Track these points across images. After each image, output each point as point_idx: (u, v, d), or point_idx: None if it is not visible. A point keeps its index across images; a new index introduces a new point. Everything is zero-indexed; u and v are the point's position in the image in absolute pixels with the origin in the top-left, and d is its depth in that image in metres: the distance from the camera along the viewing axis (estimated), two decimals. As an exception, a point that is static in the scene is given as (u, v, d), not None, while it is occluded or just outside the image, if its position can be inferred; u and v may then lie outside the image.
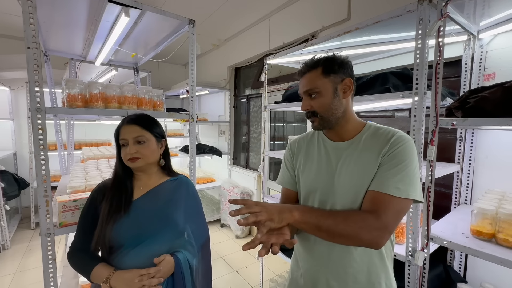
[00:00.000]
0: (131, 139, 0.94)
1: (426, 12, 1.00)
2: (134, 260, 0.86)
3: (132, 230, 0.89)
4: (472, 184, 1.51)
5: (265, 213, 0.63)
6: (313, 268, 0.85)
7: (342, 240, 0.70)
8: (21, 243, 3.06)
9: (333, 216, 0.69)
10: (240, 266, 2.66)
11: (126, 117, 0.99)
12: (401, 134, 0.77)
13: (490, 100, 0.94)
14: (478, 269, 1.48)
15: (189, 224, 0.98)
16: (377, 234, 0.67)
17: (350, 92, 0.81)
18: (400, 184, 0.70)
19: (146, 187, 0.99)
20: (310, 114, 0.83)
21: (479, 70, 1.45)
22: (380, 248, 0.70)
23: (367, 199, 0.74)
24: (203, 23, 3.17)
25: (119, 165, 0.98)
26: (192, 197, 1.06)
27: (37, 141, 1.07)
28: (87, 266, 0.88)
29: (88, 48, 2.14)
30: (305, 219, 0.68)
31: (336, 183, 0.80)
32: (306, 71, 0.83)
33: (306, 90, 0.82)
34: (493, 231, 1.05)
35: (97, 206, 0.94)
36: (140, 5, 1.35)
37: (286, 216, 0.66)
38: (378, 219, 0.68)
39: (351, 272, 0.79)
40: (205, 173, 3.90)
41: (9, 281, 2.35)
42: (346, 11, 2.07)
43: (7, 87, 3.54)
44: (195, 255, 0.95)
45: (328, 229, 0.67)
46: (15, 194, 3.36)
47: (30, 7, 1.02)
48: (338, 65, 0.79)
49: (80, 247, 0.93)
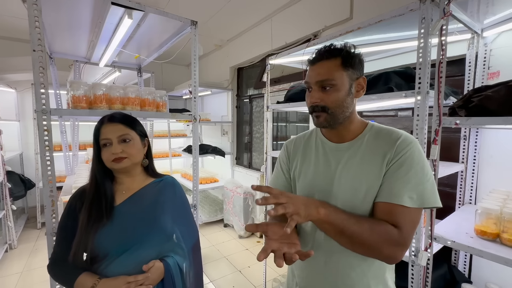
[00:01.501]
0: (115, 138, 0.87)
1: (429, 10, 1.00)
2: (121, 268, 0.81)
3: (118, 237, 0.84)
4: (476, 184, 1.49)
5: (291, 205, 0.58)
6: (309, 277, 0.80)
7: (362, 250, 0.66)
8: (27, 243, 3.10)
9: (359, 223, 0.64)
10: (243, 266, 2.66)
11: (105, 116, 0.92)
12: (406, 137, 0.71)
13: (494, 98, 0.93)
14: (483, 269, 1.46)
15: (178, 226, 0.94)
16: (397, 249, 0.64)
17: (363, 92, 0.76)
18: (413, 193, 0.66)
19: (129, 191, 0.93)
20: (318, 109, 0.73)
21: (483, 69, 1.43)
22: (394, 263, 0.66)
23: (382, 212, 0.68)
24: (205, 24, 3.19)
25: (98, 168, 0.90)
26: (179, 198, 1.01)
27: (43, 142, 1.09)
28: (69, 276, 0.82)
29: (92, 50, 2.17)
30: (331, 219, 0.63)
31: (336, 187, 0.74)
32: (322, 58, 0.72)
33: (320, 80, 0.72)
34: (498, 231, 1.04)
35: (77, 214, 0.87)
36: (143, 7, 1.36)
37: (311, 211, 0.62)
38: (401, 234, 0.64)
39: (349, 283, 0.74)
40: (208, 173, 3.91)
41: (16, 280, 2.38)
42: (348, 10, 2.07)
43: (13, 89, 3.59)
44: (186, 257, 0.91)
45: (351, 235, 0.63)
46: (22, 195, 3.41)
47: (35, 11, 1.03)
48: (358, 60, 0.73)
49: (60, 257, 0.85)
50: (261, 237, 3.25)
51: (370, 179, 0.71)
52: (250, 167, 3.73)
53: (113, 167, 0.89)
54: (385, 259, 0.66)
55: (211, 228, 3.63)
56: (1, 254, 2.69)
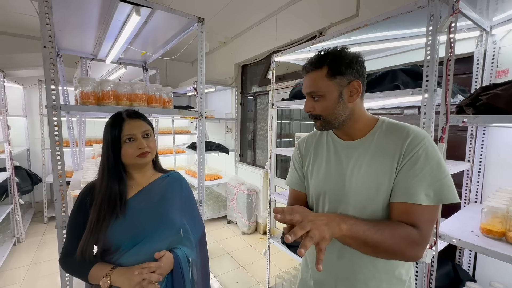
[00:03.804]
0: (140, 134, 0.90)
1: (437, 7, 0.99)
2: (133, 260, 0.83)
3: (129, 231, 0.86)
4: (482, 183, 1.49)
5: (316, 231, 0.58)
6: (323, 271, 0.80)
7: (385, 256, 0.66)
8: (35, 237, 3.16)
9: (380, 231, 0.64)
10: (246, 262, 2.68)
11: (119, 113, 0.93)
12: (417, 134, 0.70)
13: (503, 97, 0.93)
14: (487, 267, 1.46)
15: (186, 219, 0.97)
16: (419, 249, 0.65)
17: (358, 95, 0.75)
18: (430, 190, 0.65)
19: (138, 185, 0.96)
20: (313, 116, 0.78)
21: (491, 67, 1.42)
22: (416, 261, 0.67)
23: (399, 212, 0.68)
24: (210, 21, 3.18)
25: (112, 164, 0.90)
26: (185, 193, 1.04)
27: (53, 137, 1.11)
28: (84, 268, 0.84)
29: (99, 47, 2.18)
30: (353, 234, 0.63)
31: (348, 185, 0.75)
32: (309, 70, 0.76)
33: (308, 92, 0.77)
34: (504, 230, 1.04)
35: (87, 209, 0.88)
36: (151, 4, 1.37)
37: (334, 230, 0.61)
38: (420, 233, 0.64)
39: (362, 278, 0.75)
40: (212, 170, 3.93)
41: (24, 272, 2.43)
42: (355, 7, 2.05)
43: (20, 85, 3.63)
44: (194, 249, 0.94)
45: (375, 245, 0.63)
46: (29, 189, 3.47)
47: (46, 7, 1.05)
48: (345, 66, 0.72)
49: (72, 252, 0.86)
50: (264, 233, 3.27)
51: (380, 177, 0.71)
52: (253, 164, 3.74)
53: (137, 162, 0.91)
54: (408, 260, 0.67)
55: (214, 224, 3.66)
56: (10, 248, 2.74)
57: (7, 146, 2.79)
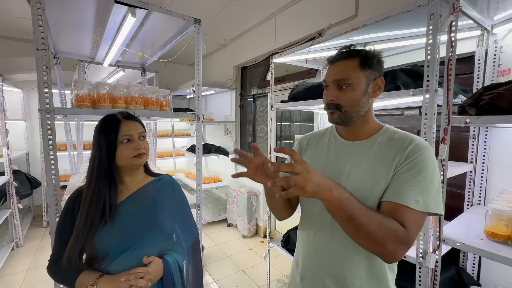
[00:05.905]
0: (136, 135, 0.90)
1: (438, 6, 0.97)
2: (121, 267, 0.80)
3: (118, 237, 0.83)
4: (486, 184, 1.46)
5: (301, 179, 0.59)
6: (310, 267, 0.82)
7: (365, 242, 0.65)
8: (33, 241, 3.14)
9: (369, 214, 0.64)
10: (247, 265, 2.65)
11: (113, 114, 0.91)
12: (419, 142, 0.71)
13: (506, 97, 0.90)
14: (492, 271, 1.43)
15: (177, 225, 0.94)
16: (401, 248, 0.64)
17: (380, 93, 0.76)
18: (419, 197, 0.66)
19: (128, 190, 0.93)
20: (333, 106, 0.76)
21: (493, 66, 1.40)
22: (394, 262, 0.66)
23: (387, 210, 0.68)
24: (209, 23, 3.18)
25: (104, 167, 0.86)
26: (178, 197, 1.00)
27: (46, 141, 1.09)
28: (70, 275, 0.81)
29: (96, 50, 2.17)
30: (341, 205, 0.63)
31: (343, 184, 0.75)
32: (341, 58, 0.75)
33: (337, 79, 0.74)
34: (509, 233, 1.01)
35: (74, 216, 0.86)
36: (146, 5, 1.36)
37: (323, 192, 0.61)
38: (407, 234, 0.64)
39: (349, 277, 0.75)
40: (212, 173, 3.91)
41: (22, 277, 2.41)
42: (354, 7, 2.04)
43: (19, 88, 3.63)
44: (185, 255, 0.91)
45: (358, 224, 0.63)
46: (28, 193, 3.45)
47: (39, 9, 1.03)
48: (377, 61, 0.74)
49: (60, 259, 0.83)
50: (265, 236, 3.24)
51: (376, 179, 0.72)
52: (253, 166, 3.71)
53: (132, 163, 0.89)
54: (385, 255, 0.66)
55: (214, 227, 3.63)
56: (8, 252, 2.72)
57: (5, 150, 2.78)
